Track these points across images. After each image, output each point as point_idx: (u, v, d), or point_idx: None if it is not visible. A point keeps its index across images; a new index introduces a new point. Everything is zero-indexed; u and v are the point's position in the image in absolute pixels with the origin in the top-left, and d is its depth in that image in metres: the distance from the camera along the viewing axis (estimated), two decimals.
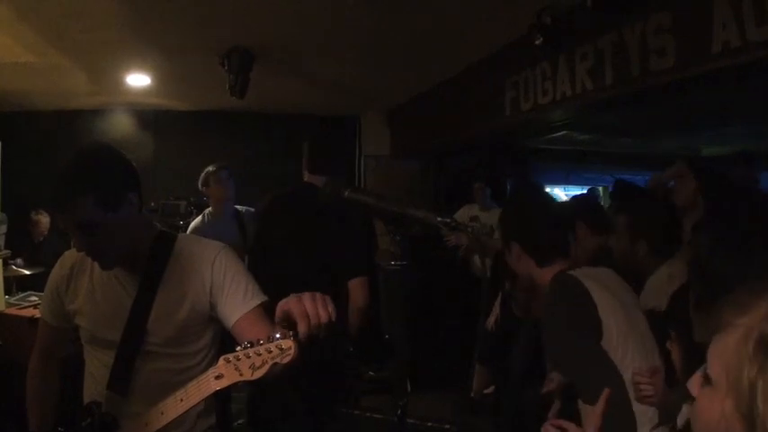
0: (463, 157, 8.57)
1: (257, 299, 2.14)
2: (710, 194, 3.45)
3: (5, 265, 5.81)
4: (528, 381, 4.19)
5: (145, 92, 7.20)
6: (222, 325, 2.17)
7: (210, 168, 5.35)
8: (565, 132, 7.89)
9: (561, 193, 10.21)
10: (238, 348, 1.72)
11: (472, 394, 5.88)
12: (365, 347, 6.69)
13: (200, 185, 5.42)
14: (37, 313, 4.68)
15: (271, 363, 1.66)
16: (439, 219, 1.76)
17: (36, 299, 5.25)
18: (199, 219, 5.41)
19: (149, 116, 7.95)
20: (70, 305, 2.19)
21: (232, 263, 2.19)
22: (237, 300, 2.12)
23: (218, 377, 1.74)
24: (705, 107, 6.56)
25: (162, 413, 1.85)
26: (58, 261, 2.27)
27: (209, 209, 5.47)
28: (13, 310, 4.94)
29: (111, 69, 6.28)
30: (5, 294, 5.51)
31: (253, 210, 5.50)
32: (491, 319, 5.18)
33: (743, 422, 0.93)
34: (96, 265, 2.12)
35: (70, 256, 2.24)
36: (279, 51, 5.74)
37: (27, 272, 5.96)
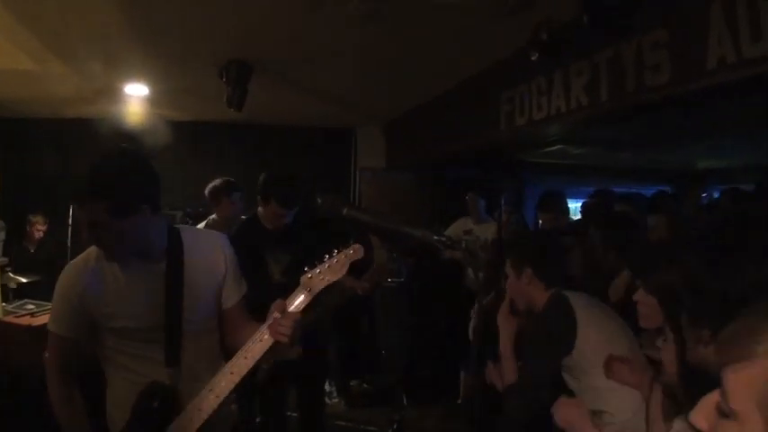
0: (459, 170, 8.61)
1: (244, 287, 2.54)
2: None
3: (2, 272, 5.82)
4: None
5: (143, 101, 7.21)
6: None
7: (224, 186, 5.33)
8: (560, 146, 7.92)
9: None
10: (309, 268, 2.23)
11: (459, 401, 5.92)
12: (360, 360, 6.75)
13: (208, 196, 5.40)
14: (34, 321, 4.69)
15: (349, 261, 2.22)
16: (435, 237, 1.81)
17: (33, 307, 5.25)
18: (202, 224, 5.39)
19: (147, 126, 7.96)
20: (104, 309, 2.30)
21: (233, 252, 2.52)
22: (235, 287, 2.49)
23: (309, 290, 2.22)
24: (701, 122, 6.58)
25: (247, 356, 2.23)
26: (67, 273, 2.36)
27: (213, 217, 5.45)
28: (10, 318, 4.95)
29: (109, 79, 6.30)
30: (2, 302, 5.52)
31: None
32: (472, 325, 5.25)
33: None
34: (117, 266, 2.29)
35: (83, 263, 2.35)
36: (277, 64, 5.76)
37: (23, 279, 5.96)
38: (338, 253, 2.20)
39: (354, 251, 2.21)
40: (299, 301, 2.20)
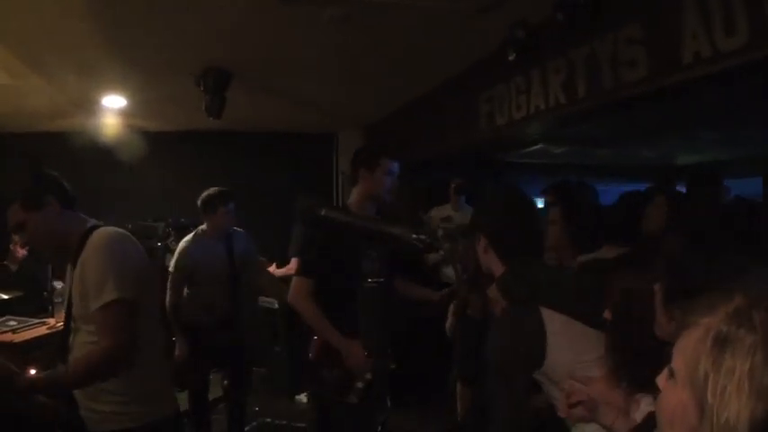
0: (440, 172, 8.61)
1: (105, 296, 2.38)
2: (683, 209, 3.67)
3: None
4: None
5: (121, 113, 7.17)
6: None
7: (219, 196, 5.16)
8: (541, 145, 7.93)
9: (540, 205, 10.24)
10: None
11: (459, 419, 5.84)
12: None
13: (202, 206, 5.22)
14: (16, 338, 4.67)
15: None
16: (414, 236, 1.78)
17: (15, 323, 5.19)
18: (190, 236, 5.27)
19: (126, 137, 7.90)
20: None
21: (99, 254, 2.47)
22: (92, 293, 2.41)
23: None
24: (679, 116, 6.61)
25: None
26: None
27: (203, 227, 5.31)
28: None
29: (85, 91, 6.25)
30: None
31: (242, 231, 5.43)
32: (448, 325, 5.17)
33: (696, 409, 1.03)
34: None
35: None
36: (255, 71, 5.75)
37: (5, 296, 5.89)
38: None
39: None
40: None
